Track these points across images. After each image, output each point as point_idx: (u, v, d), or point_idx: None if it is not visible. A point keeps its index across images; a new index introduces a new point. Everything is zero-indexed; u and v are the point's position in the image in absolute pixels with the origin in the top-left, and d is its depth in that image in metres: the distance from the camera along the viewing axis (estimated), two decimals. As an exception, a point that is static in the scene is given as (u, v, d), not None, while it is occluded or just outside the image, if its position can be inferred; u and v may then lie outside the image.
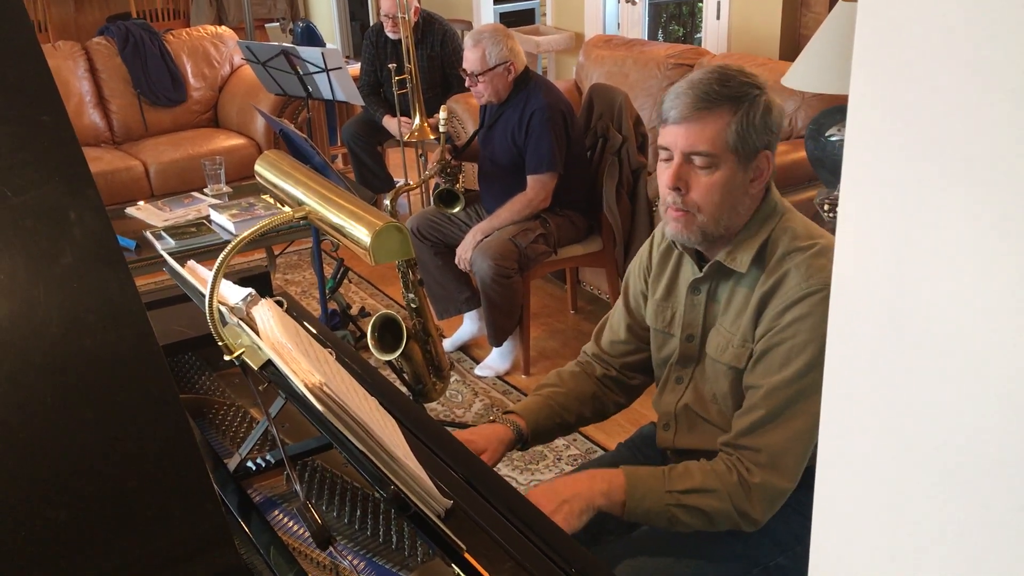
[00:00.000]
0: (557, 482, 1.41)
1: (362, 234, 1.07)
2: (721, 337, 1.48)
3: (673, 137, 1.40)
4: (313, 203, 1.15)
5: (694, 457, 1.48)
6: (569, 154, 3.16)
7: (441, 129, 3.08)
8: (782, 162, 2.85)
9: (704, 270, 1.49)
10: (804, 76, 2.70)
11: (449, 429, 1.40)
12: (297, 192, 1.20)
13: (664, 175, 1.42)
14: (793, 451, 1.38)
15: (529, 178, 3.14)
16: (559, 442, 2.90)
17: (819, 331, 1.34)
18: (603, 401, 1.69)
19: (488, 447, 1.51)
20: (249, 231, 1.12)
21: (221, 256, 1.12)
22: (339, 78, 3.80)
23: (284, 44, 3.93)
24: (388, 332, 2.11)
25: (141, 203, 3.60)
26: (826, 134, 2.71)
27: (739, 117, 1.37)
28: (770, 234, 1.43)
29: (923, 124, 0.46)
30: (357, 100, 4.01)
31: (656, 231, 1.64)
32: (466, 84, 3.19)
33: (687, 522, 1.40)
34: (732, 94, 1.38)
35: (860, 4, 0.48)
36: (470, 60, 3.10)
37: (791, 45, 4.02)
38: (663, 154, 1.43)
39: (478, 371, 3.38)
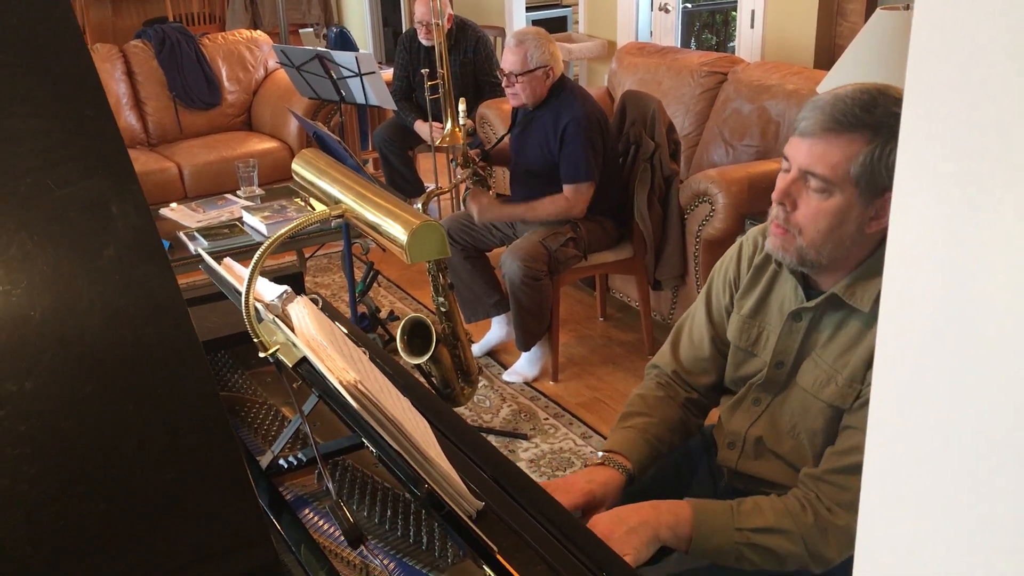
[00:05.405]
0: (622, 510, 1.35)
1: (398, 232, 1.07)
2: (820, 371, 1.39)
3: (795, 150, 1.31)
4: (349, 201, 1.16)
5: (754, 482, 1.43)
6: (601, 161, 3.16)
7: (461, 121, 3.09)
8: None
9: (816, 301, 1.38)
10: (840, 85, 2.67)
11: (564, 475, 1.34)
12: (334, 190, 1.21)
13: (776, 186, 1.34)
14: None
15: (565, 187, 3.13)
16: (585, 449, 2.89)
17: None
18: (688, 425, 1.60)
19: (607, 498, 1.43)
20: (288, 227, 1.12)
21: (259, 252, 1.13)
22: (372, 82, 3.83)
23: (319, 48, 3.96)
24: (417, 336, 2.12)
25: (175, 204, 3.65)
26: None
27: (873, 148, 1.24)
28: None
29: (978, 126, 0.45)
30: (389, 104, 4.03)
31: (745, 242, 1.54)
32: (503, 84, 3.19)
33: (756, 561, 1.33)
34: (873, 122, 1.24)
35: (916, 7, 0.47)
36: (510, 60, 3.10)
37: (826, 54, 3.98)
38: (783, 164, 1.33)
39: (506, 376, 3.37)
